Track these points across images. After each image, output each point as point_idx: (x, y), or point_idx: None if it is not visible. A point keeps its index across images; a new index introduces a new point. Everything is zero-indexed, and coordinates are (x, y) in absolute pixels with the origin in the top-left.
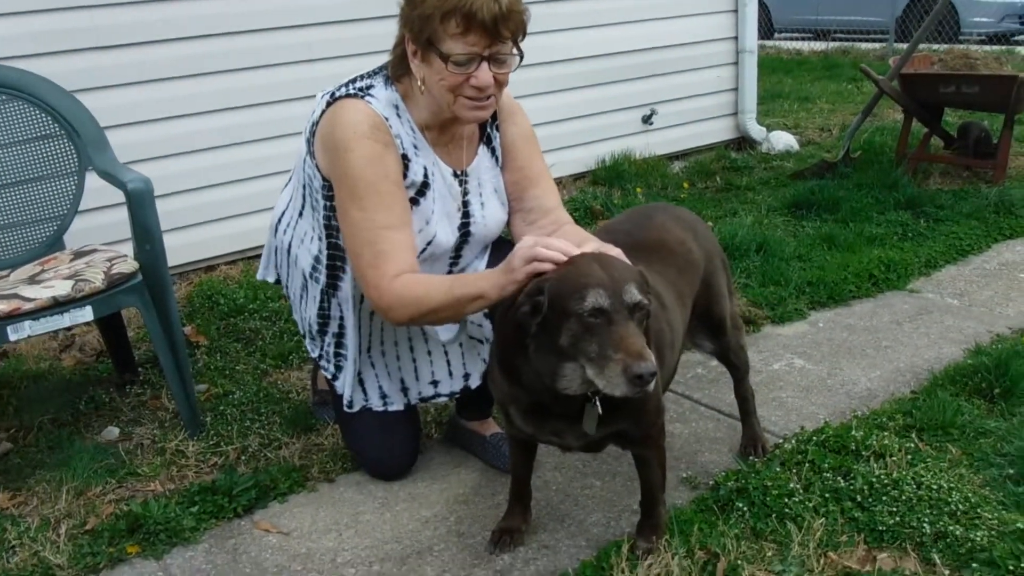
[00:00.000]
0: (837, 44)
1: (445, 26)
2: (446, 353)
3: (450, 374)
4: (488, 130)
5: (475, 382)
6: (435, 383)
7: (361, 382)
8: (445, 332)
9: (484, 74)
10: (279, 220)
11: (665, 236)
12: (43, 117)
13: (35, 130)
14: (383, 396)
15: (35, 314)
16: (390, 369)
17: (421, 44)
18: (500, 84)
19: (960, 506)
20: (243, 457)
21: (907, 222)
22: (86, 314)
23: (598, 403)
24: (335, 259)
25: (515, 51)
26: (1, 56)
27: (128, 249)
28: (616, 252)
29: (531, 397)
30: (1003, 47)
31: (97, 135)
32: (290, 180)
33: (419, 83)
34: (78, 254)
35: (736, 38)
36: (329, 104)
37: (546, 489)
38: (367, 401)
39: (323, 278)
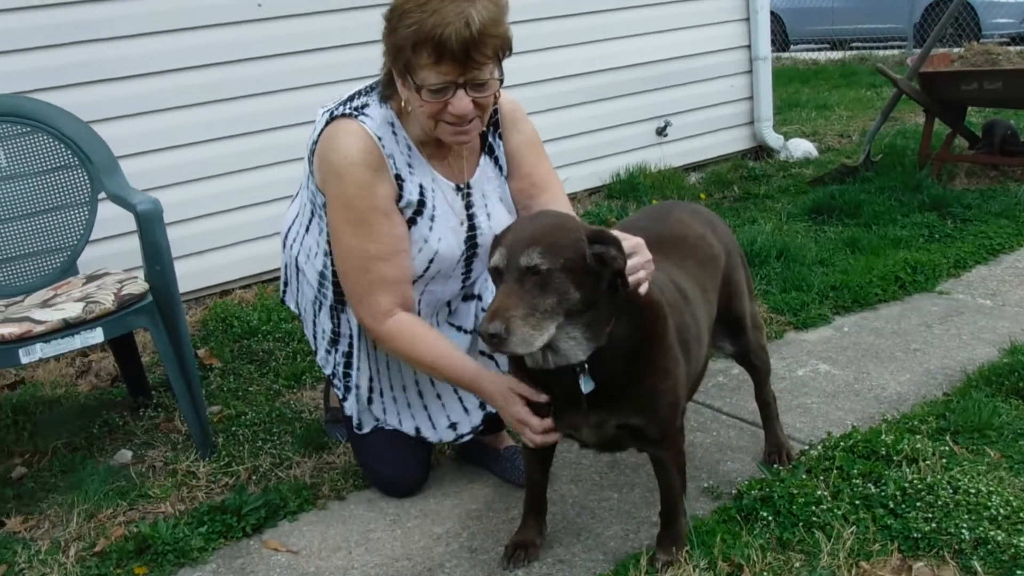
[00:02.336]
0: (854, 52)
1: (417, 57)
2: (456, 391)
3: (465, 410)
4: (490, 139)
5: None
6: (453, 426)
7: (371, 406)
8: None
9: (461, 102)
10: (287, 235)
11: (685, 231)
12: (58, 146)
13: (51, 160)
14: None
15: (46, 336)
16: (402, 417)
17: (399, 70)
18: (482, 107)
19: (1001, 510)
20: (254, 477)
21: (933, 223)
22: (97, 336)
23: (582, 377)
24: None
25: (495, 73)
26: (20, 89)
27: (141, 275)
28: (638, 241)
29: (533, 380)
30: None
31: (109, 160)
32: (298, 194)
33: (403, 103)
34: (90, 278)
35: (749, 47)
36: (328, 123)
37: (562, 502)
38: (378, 421)
39: (330, 295)
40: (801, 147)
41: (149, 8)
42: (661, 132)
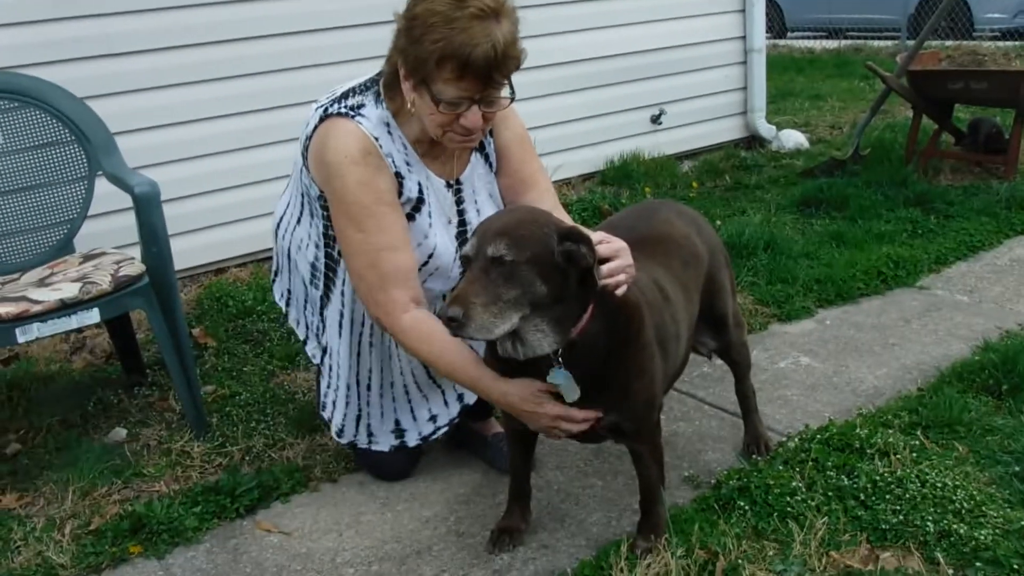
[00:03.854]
0: (849, 42)
1: (440, 71)
2: (439, 385)
3: (445, 404)
4: (481, 137)
5: (470, 399)
6: (433, 418)
7: (357, 419)
8: None
9: (474, 116)
10: (278, 225)
11: (669, 230)
12: (54, 123)
13: (46, 136)
14: (370, 435)
15: (43, 316)
16: (384, 410)
17: (416, 80)
18: (488, 120)
19: (964, 504)
20: (247, 458)
21: (917, 219)
22: (93, 316)
23: (553, 370)
24: (330, 268)
25: (507, 92)
26: (14, 64)
27: (136, 253)
28: (621, 245)
29: (505, 367)
30: (1018, 43)
31: (106, 140)
32: (288, 184)
33: (409, 105)
34: (87, 257)
35: (744, 37)
36: (322, 119)
37: (547, 489)
38: (356, 437)
39: (321, 285)
40: (793, 138)
41: None
42: (656, 120)
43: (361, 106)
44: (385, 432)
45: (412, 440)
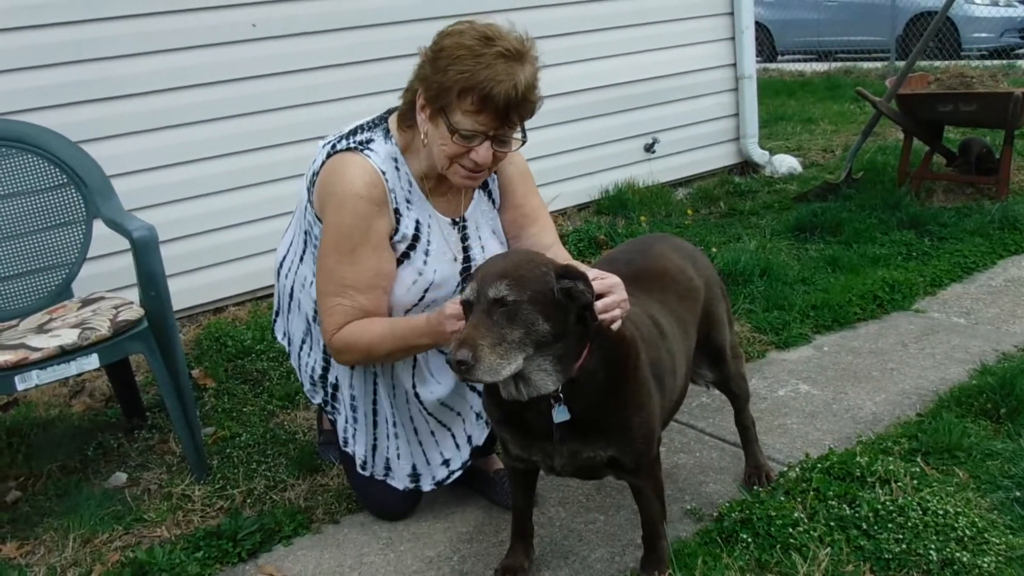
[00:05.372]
0: (839, 64)
1: (461, 101)
2: (448, 428)
3: (457, 446)
4: (485, 176)
5: (478, 440)
6: (447, 462)
7: (374, 449)
8: (445, 387)
9: (484, 151)
10: (281, 264)
11: (666, 265)
12: (51, 168)
13: (44, 181)
14: (387, 469)
15: (42, 363)
16: (401, 452)
17: (435, 108)
18: (497, 161)
19: (967, 531)
20: (249, 500)
21: (911, 241)
22: (92, 362)
23: (555, 407)
24: None
25: (519, 134)
26: (10, 110)
27: (133, 295)
28: (615, 280)
29: (504, 407)
30: (1004, 62)
31: (103, 184)
32: (291, 224)
33: (422, 135)
34: (85, 302)
35: (735, 65)
36: (329, 155)
37: (549, 525)
38: (373, 467)
39: None
40: (786, 163)
41: (143, 28)
42: (649, 148)
43: (371, 141)
44: (402, 475)
45: (427, 485)
